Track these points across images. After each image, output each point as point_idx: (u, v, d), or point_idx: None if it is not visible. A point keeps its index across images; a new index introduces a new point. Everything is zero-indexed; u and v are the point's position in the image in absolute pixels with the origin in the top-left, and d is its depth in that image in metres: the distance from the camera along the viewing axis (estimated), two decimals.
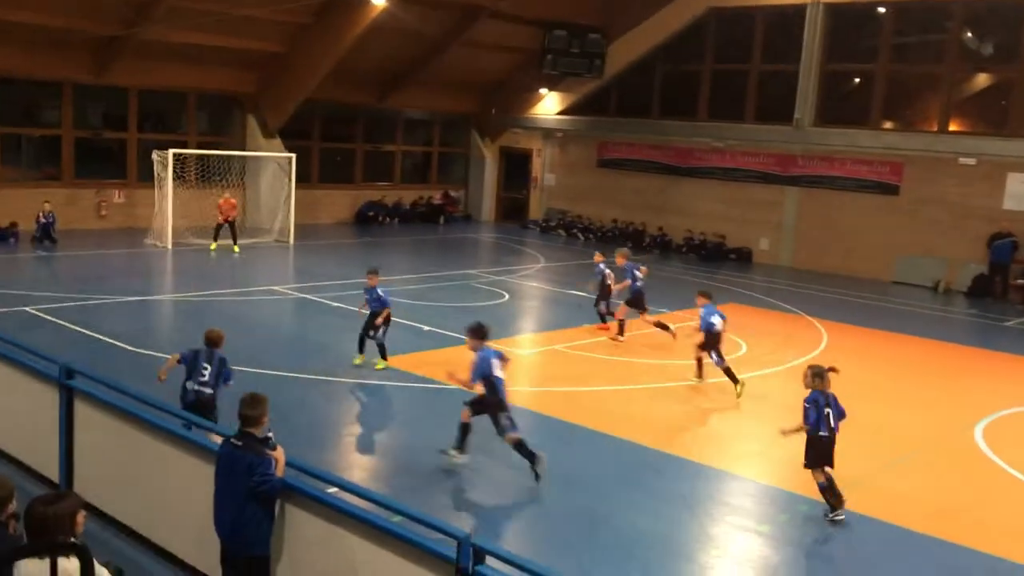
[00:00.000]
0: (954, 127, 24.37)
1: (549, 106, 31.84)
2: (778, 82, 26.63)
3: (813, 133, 25.54)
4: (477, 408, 9.05)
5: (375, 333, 12.47)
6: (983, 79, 25.08)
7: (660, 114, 29.37)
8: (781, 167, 26.50)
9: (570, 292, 19.64)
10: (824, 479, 8.47)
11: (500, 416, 8.88)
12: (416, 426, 10.55)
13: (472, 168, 33.83)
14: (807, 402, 8.58)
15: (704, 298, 12.77)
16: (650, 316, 15.44)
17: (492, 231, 30.84)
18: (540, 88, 31.27)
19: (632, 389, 12.49)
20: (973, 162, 23.03)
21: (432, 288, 18.90)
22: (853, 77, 26.79)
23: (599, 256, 16.45)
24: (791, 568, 7.63)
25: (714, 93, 28.34)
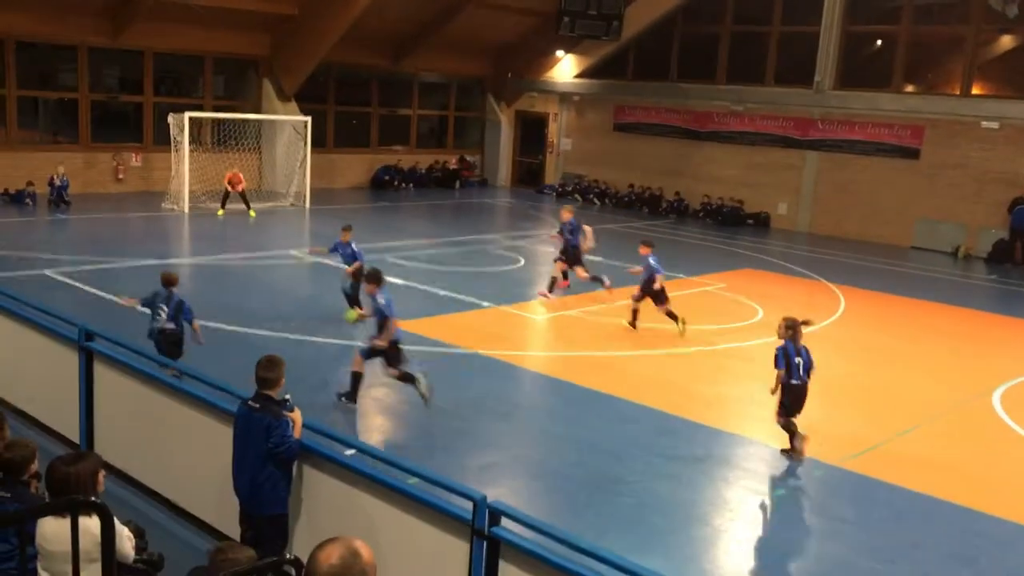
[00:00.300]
0: (977, 90, 24.00)
1: (565, 69, 31.54)
2: (798, 44, 26.28)
3: (833, 96, 25.22)
4: (369, 353, 9.58)
5: (345, 284, 12.98)
6: (1007, 41, 24.64)
7: (678, 77, 29.05)
8: (800, 131, 26.21)
9: (585, 257, 19.56)
10: (788, 423, 9.00)
11: (397, 354, 9.50)
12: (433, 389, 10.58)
13: (488, 132, 33.65)
14: (778, 350, 9.09)
15: (646, 247, 13.51)
16: (584, 272, 15.62)
17: (508, 196, 30.74)
18: (556, 51, 30.94)
19: (648, 354, 12.48)
20: (996, 126, 22.71)
21: (448, 253, 18.88)
22: (875, 39, 26.39)
23: (568, 212, 16.40)
24: (804, 532, 7.65)
25: (733, 55, 28.00)
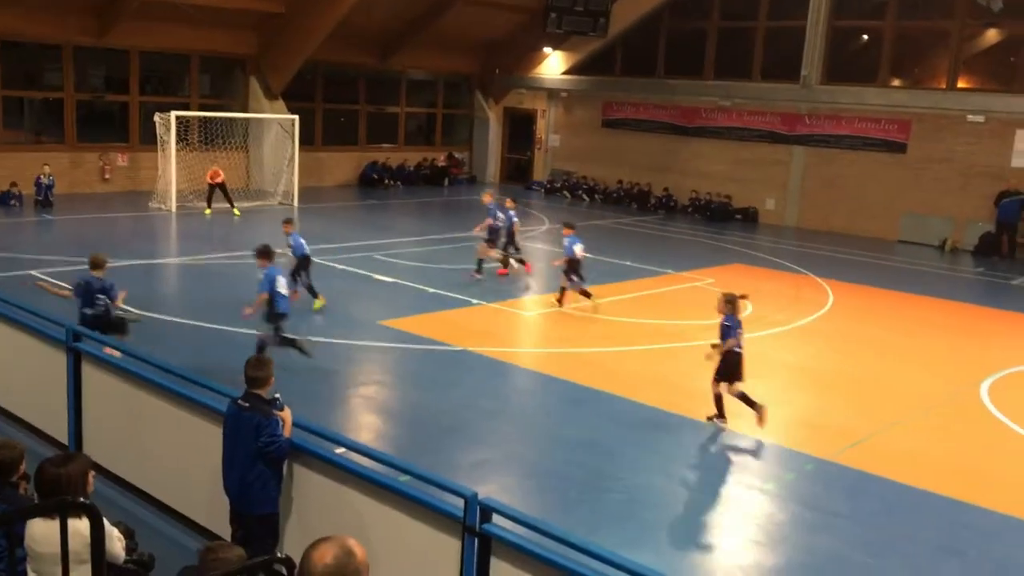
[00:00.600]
0: (962, 84, 24.12)
1: (553, 66, 31.55)
2: (785, 39, 26.35)
3: (820, 91, 25.30)
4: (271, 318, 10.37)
5: (301, 278, 13.28)
6: (992, 35, 24.75)
7: (665, 73, 29.10)
8: (787, 126, 26.28)
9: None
10: (721, 393, 9.57)
11: (279, 324, 10.40)
12: (422, 386, 10.59)
13: (476, 130, 33.62)
14: (726, 322, 9.54)
15: (569, 229, 14.39)
16: (498, 252, 16.42)
17: (497, 193, 30.67)
18: (544, 47, 30.95)
19: (638, 350, 12.50)
20: (981, 119, 22.83)
21: (436, 251, 18.87)
22: (861, 34, 26.47)
23: (510, 201, 16.98)
24: (796, 526, 7.68)
25: (720, 51, 28.06)
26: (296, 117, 24.90)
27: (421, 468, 5.50)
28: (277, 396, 5.99)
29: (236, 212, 22.03)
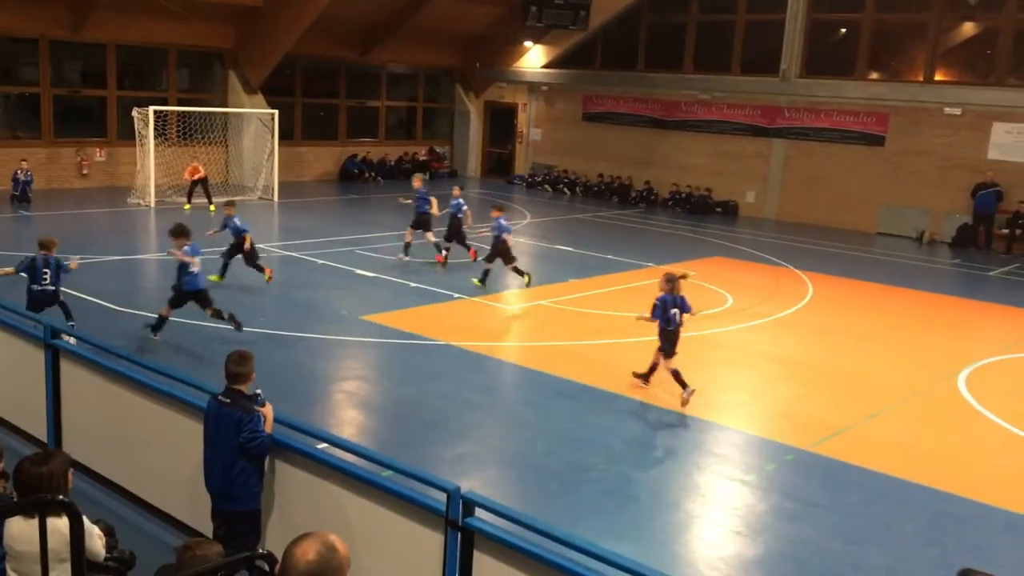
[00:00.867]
0: (940, 77, 24.29)
1: (534, 59, 31.52)
2: (764, 32, 26.43)
3: (799, 84, 25.43)
4: (176, 301, 11.06)
5: (254, 261, 14.29)
6: (969, 28, 24.95)
7: (645, 66, 29.14)
8: (767, 119, 26.40)
9: (557, 247, 19.63)
10: (674, 367, 10.09)
11: (204, 301, 11.13)
12: (404, 381, 10.58)
13: (457, 123, 33.55)
14: (656, 300, 10.18)
15: (497, 211, 15.28)
16: (432, 237, 16.94)
17: (478, 187, 30.67)
18: (525, 41, 30.91)
19: (619, 343, 12.54)
20: (958, 112, 23.01)
21: (418, 245, 18.81)
22: (839, 27, 26.60)
23: (456, 190, 17.37)
24: (776, 516, 7.73)
25: (700, 45, 28.12)
26: (276, 111, 24.77)
27: (403, 463, 5.49)
28: (258, 392, 5.97)
29: (212, 208, 21.90)
